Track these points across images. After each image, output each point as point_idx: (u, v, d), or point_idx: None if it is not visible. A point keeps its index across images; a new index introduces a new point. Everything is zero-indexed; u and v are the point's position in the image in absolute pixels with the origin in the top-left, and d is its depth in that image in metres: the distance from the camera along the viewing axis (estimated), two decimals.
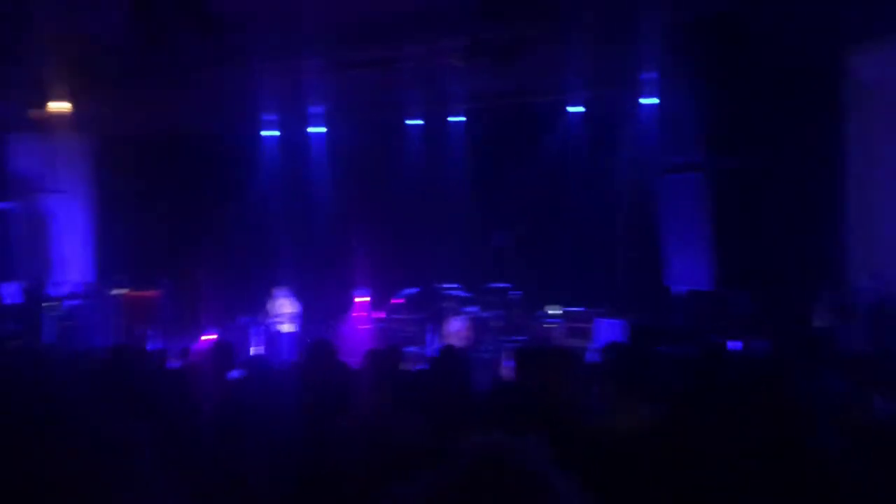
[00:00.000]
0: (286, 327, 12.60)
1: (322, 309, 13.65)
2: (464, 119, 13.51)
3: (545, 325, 11.95)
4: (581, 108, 12.57)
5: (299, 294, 13.05)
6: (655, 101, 11.57)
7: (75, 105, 11.65)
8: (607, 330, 10.73)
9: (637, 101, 11.90)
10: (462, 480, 1.01)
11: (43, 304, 12.34)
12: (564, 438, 3.15)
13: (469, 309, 12.83)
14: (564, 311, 11.93)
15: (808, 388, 4.12)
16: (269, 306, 12.76)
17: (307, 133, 14.27)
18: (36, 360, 6.30)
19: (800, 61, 9.56)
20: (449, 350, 5.83)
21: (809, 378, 4.30)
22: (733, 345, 8.94)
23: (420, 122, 13.78)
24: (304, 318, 13.00)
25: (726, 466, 3.07)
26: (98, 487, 0.65)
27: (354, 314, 13.33)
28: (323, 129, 14.35)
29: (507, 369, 9.97)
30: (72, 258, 14.61)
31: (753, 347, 8.37)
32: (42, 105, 11.70)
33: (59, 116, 11.71)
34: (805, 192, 9.77)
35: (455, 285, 12.91)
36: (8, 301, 12.66)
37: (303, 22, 9.41)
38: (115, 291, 13.43)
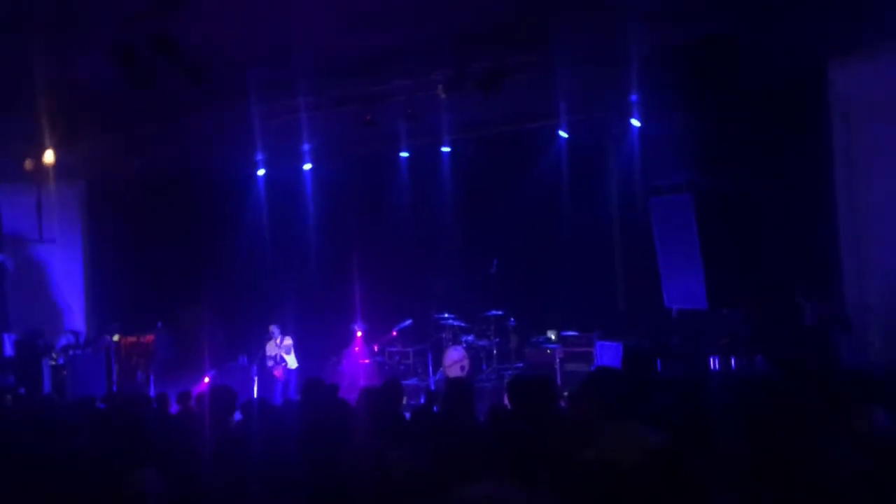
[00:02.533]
0: (285, 365, 12.58)
1: (320, 345, 13.64)
2: (452, 149, 13.59)
3: (543, 351, 11.93)
4: (566, 134, 12.63)
5: (296, 331, 13.04)
6: (639, 124, 11.64)
7: (65, 153, 11.71)
8: (607, 352, 10.72)
9: (623, 124, 11.98)
10: None
11: (40, 355, 12.28)
12: (561, 471, 3.15)
13: (466, 338, 12.84)
14: (561, 336, 11.92)
15: (809, 405, 4.14)
16: (266, 345, 12.74)
17: (298, 170, 14.32)
18: (36, 412, 6.28)
19: (784, 80, 9.68)
20: (448, 382, 5.83)
21: (809, 394, 4.31)
22: (729, 362, 8.98)
23: (408, 154, 13.85)
24: (303, 354, 12.97)
25: (731, 491, 3.07)
26: None
27: (352, 348, 13.31)
28: (312, 166, 14.39)
29: (507, 397, 9.94)
30: (67, 306, 14.56)
31: (749, 364, 8.39)
32: (31, 155, 11.76)
33: (49, 165, 11.76)
34: (794, 209, 9.85)
35: (451, 315, 12.93)
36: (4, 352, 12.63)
37: (289, 62, 9.50)
38: (111, 338, 13.39)
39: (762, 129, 9.73)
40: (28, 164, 11.79)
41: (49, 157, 11.39)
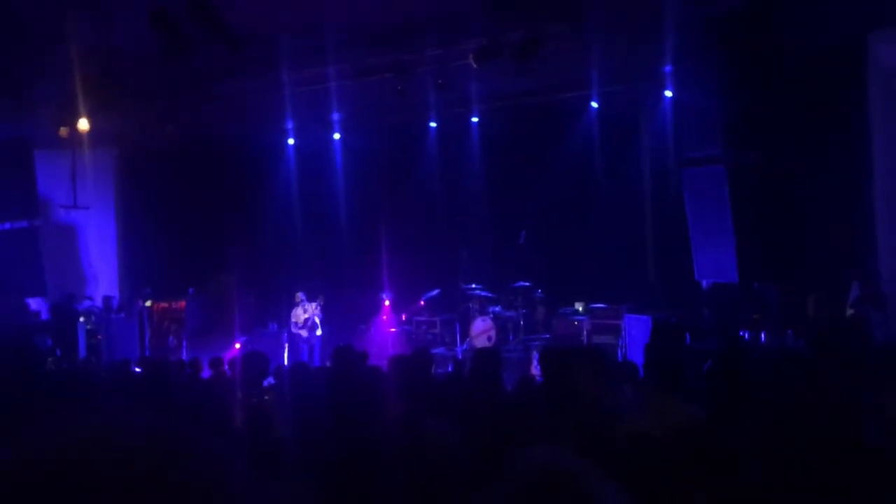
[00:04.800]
0: (313, 332, 12.69)
1: (349, 312, 13.75)
2: (482, 119, 13.52)
3: (571, 322, 11.91)
4: (598, 105, 12.50)
5: (326, 298, 13.14)
6: (672, 95, 11.48)
7: (100, 120, 11.83)
8: (636, 325, 10.68)
9: (657, 95, 11.84)
10: (516, 498, 1.03)
11: (75, 318, 12.52)
12: (595, 441, 3.17)
13: (494, 308, 12.87)
14: (589, 308, 11.89)
15: (843, 381, 4.11)
16: (296, 312, 12.86)
17: (327, 139, 14.36)
18: (74, 377, 6.42)
19: (820, 51, 9.47)
20: (477, 352, 5.87)
21: (843, 370, 4.28)
22: (760, 337, 8.91)
23: (439, 123, 13.81)
24: (332, 322, 13.08)
25: (764, 465, 3.07)
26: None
27: (380, 317, 13.41)
28: (341, 136, 14.41)
29: (534, 368, 9.99)
30: (100, 272, 14.80)
31: (780, 340, 8.33)
32: (66, 121, 11.90)
33: (83, 132, 11.90)
34: (830, 183, 9.68)
35: (478, 285, 12.95)
36: (38, 316, 12.90)
37: (321, 31, 9.49)
38: (143, 303, 13.62)
39: (798, 101, 9.55)
40: (63, 130, 11.94)
41: (83, 124, 11.52)
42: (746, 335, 9.19)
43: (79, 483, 0.62)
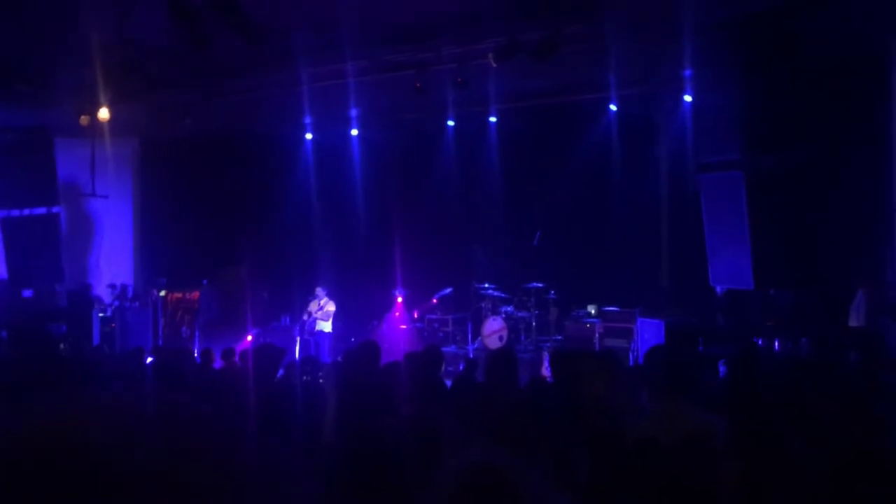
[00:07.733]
0: (326, 326, 12.71)
1: (361, 308, 13.78)
2: (499, 119, 13.50)
3: (583, 325, 11.89)
4: (616, 107, 12.46)
5: (339, 294, 13.16)
6: (691, 99, 11.43)
7: (120, 110, 11.90)
8: (649, 329, 10.65)
9: (675, 99, 11.78)
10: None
11: (91, 306, 12.62)
12: (605, 446, 3.17)
13: (506, 308, 12.86)
14: (602, 311, 11.86)
15: (864, 387, 4.09)
16: (309, 306, 12.89)
17: (345, 135, 14.39)
18: (86, 363, 6.47)
19: (840, 55, 9.40)
20: (493, 352, 5.87)
21: (863, 376, 4.26)
22: (774, 344, 8.87)
23: (457, 122, 13.80)
24: (344, 317, 13.10)
25: (780, 474, 3.05)
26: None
27: (392, 314, 13.43)
28: (358, 132, 14.43)
29: (545, 369, 9.98)
30: (116, 261, 14.90)
31: (795, 347, 8.28)
32: (87, 110, 11.97)
33: (103, 121, 11.97)
34: (846, 189, 9.60)
35: (491, 285, 12.95)
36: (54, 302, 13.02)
37: (341, 27, 9.50)
38: (158, 293, 13.70)
39: (818, 106, 9.47)
40: (83, 119, 12.00)
41: (104, 113, 11.59)
42: (760, 342, 9.15)
43: (88, 450, 0.61)
